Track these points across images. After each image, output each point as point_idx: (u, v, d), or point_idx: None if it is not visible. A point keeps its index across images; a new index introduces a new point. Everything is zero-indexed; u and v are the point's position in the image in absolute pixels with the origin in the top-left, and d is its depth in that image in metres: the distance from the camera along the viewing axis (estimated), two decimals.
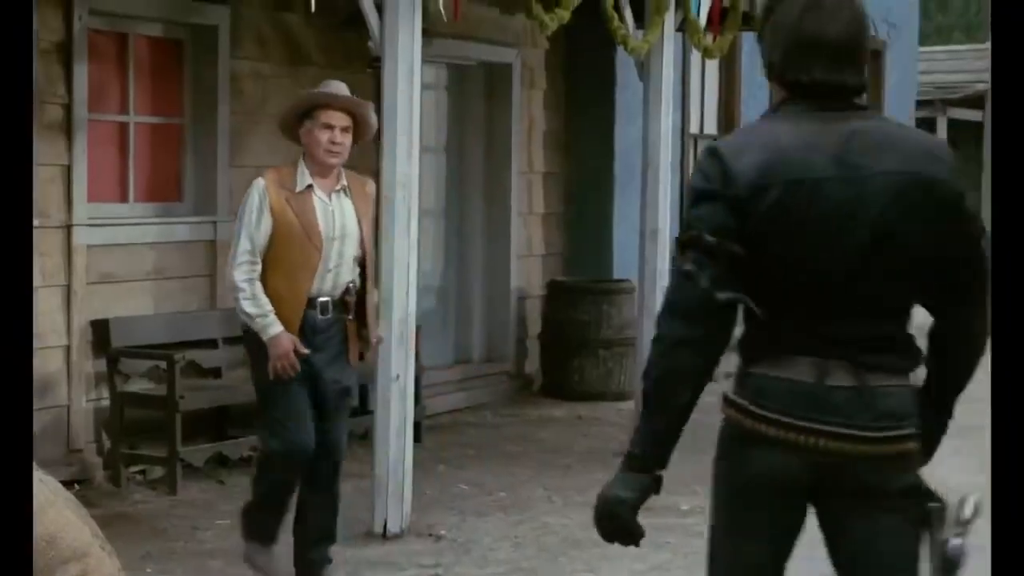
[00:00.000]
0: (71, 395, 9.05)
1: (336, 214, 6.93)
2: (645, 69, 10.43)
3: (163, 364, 9.08)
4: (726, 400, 3.94)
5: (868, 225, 3.77)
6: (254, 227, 6.82)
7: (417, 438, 9.31)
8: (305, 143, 6.93)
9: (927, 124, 24.12)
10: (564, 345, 12.44)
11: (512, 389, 12.68)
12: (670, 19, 10.31)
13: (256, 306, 6.78)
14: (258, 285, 6.79)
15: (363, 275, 7.05)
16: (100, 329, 9.16)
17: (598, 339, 12.40)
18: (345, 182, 6.99)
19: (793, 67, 3.87)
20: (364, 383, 10.36)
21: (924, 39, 23.92)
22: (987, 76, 24.24)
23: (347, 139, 6.92)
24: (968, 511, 3.97)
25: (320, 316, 6.88)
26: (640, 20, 10.23)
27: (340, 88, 7.05)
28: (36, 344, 8.67)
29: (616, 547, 4.31)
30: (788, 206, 3.75)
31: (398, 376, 7.95)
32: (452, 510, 8.67)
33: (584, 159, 13.10)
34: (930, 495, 3.99)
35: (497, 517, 8.58)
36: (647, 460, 3.91)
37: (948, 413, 4.27)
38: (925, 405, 4.12)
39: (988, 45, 24.85)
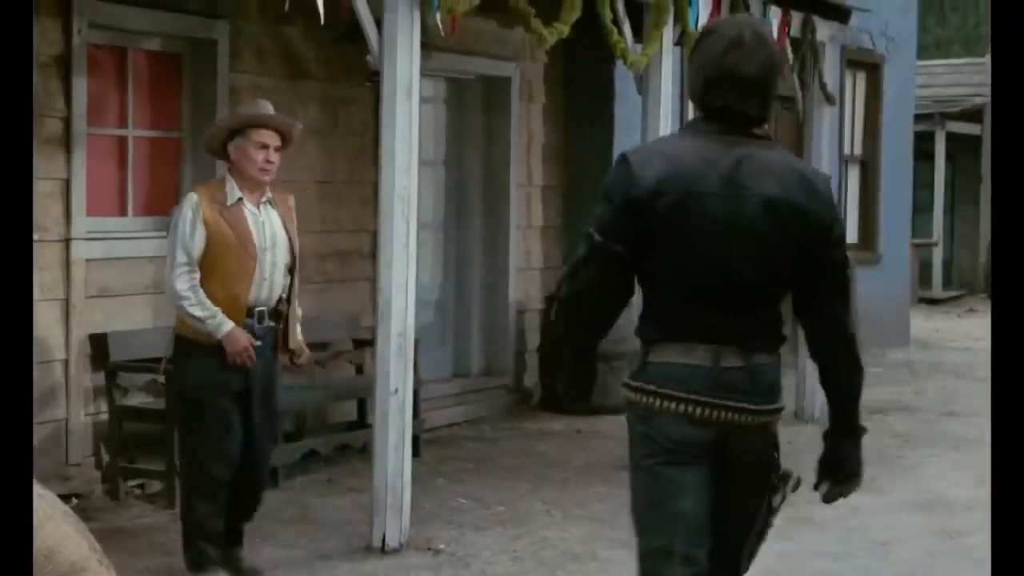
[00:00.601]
0: (69, 409, 9.05)
1: (266, 224, 7.29)
2: (644, 83, 10.43)
3: (161, 378, 9.07)
4: (630, 387, 4.64)
5: (745, 238, 4.48)
6: (188, 239, 7.12)
7: (416, 452, 9.31)
8: (236, 159, 7.26)
9: (925, 138, 24.15)
10: (563, 358, 12.40)
11: (511, 402, 12.67)
12: (669, 33, 10.31)
13: (204, 309, 7.11)
14: (201, 291, 7.12)
15: (291, 284, 7.42)
16: (98, 343, 9.15)
17: (596, 352, 12.36)
18: (269, 194, 7.35)
19: (710, 94, 4.56)
20: (363, 396, 10.39)
21: (923, 52, 23.90)
22: (985, 90, 24.28)
23: (278, 157, 7.31)
24: (791, 487, 4.74)
25: (257, 324, 7.25)
26: (639, 34, 10.23)
27: (269, 108, 7.44)
28: (35, 358, 8.67)
29: (614, 562, 4.49)
30: (679, 212, 4.47)
31: (396, 390, 7.95)
32: (451, 524, 8.66)
33: (583, 172, 13.10)
34: (778, 466, 4.72)
35: (496, 531, 8.57)
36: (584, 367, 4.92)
37: (853, 418, 4.78)
38: (835, 431, 4.80)
39: (987, 59, 24.91)
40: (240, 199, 7.21)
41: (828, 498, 4.87)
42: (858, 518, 9.11)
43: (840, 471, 4.81)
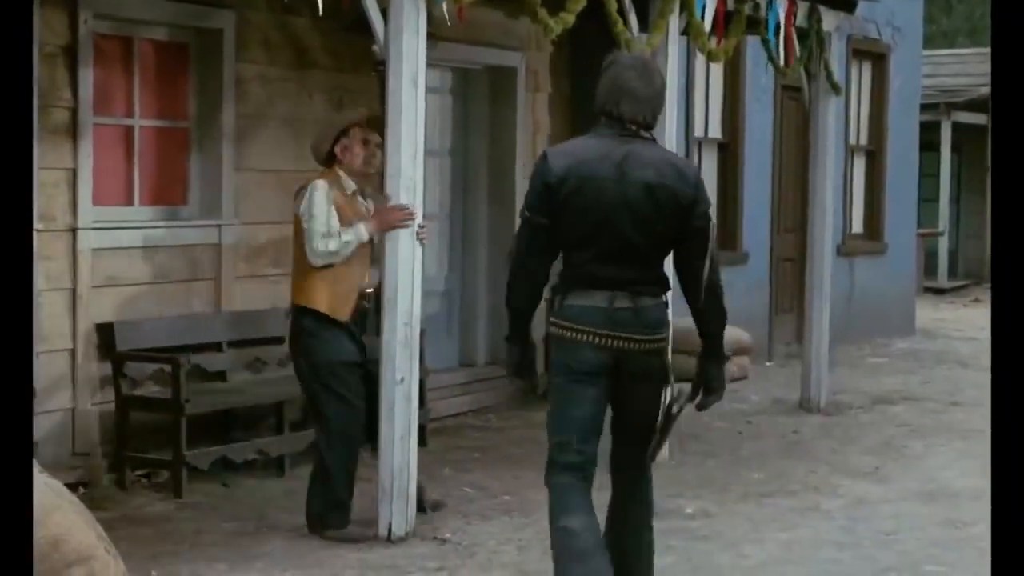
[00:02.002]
0: (76, 398, 9.07)
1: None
2: None
3: (168, 367, 9.09)
4: (553, 323, 6.20)
5: (630, 212, 6.05)
6: (326, 214, 7.91)
7: (422, 441, 9.30)
8: (343, 157, 8.12)
9: (931, 128, 24.12)
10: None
11: (516, 392, 12.66)
12: (674, 22, 10.29)
13: (345, 239, 7.90)
14: (335, 237, 7.91)
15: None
16: (105, 332, 9.17)
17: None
18: (367, 188, 8.29)
19: (610, 104, 6.20)
20: None
21: (929, 42, 23.88)
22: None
23: (380, 153, 8.13)
24: (682, 393, 6.21)
25: (366, 304, 8.11)
26: (644, 23, 10.22)
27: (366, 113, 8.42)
28: (41, 347, 8.69)
29: None
30: (580, 194, 6.06)
31: (403, 379, 7.96)
32: (457, 513, 8.67)
33: None
34: (669, 376, 6.19)
35: (502, 520, 8.58)
36: (518, 339, 6.45)
37: (716, 349, 6.31)
38: (706, 358, 6.29)
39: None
40: (355, 191, 8.10)
41: (701, 407, 6.34)
42: (864, 508, 9.12)
43: (710, 386, 6.28)
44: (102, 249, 9.21)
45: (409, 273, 7.98)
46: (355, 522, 8.08)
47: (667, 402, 6.19)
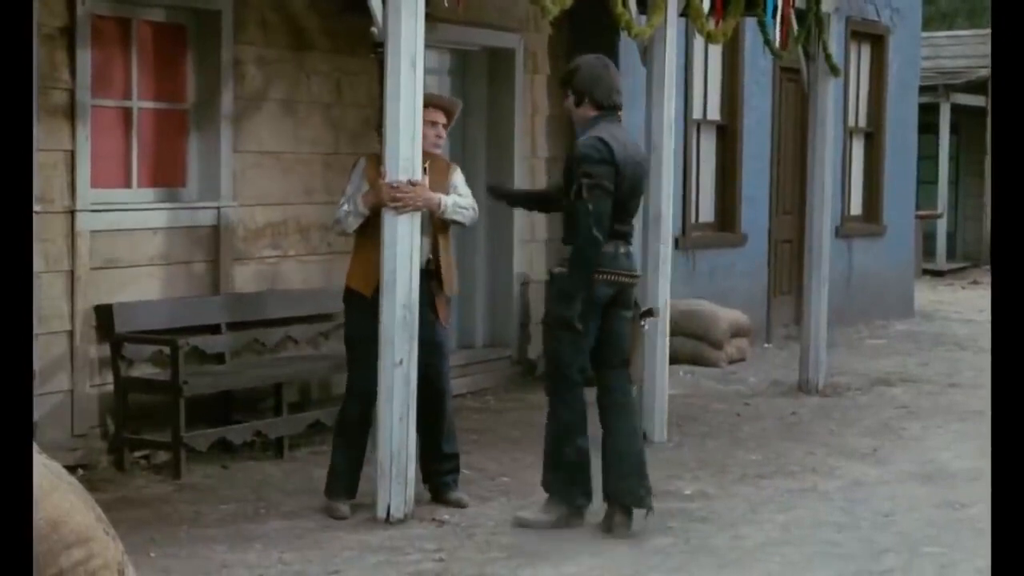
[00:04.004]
0: (75, 380, 9.07)
1: None
2: (648, 54, 10.41)
3: (167, 349, 9.09)
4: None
5: (639, 182, 8.06)
6: (352, 190, 8.27)
7: None
8: None
9: (930, 110, 24.09)
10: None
11: (515, 374, 12.69)
12: (673, 4, 10.29)
13: (344, 209, 8.26)
14: (342, 208, 8.29)
15: (436, 243, 8.36)
16: (104, 314, 9.17)
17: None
18: (426, 164, 8.24)
19: (607, 98, 7.92)
20: None
21: (927, 24, 23.84)
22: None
23: (444, 133, 8.52)
24: (651, 312, 8.43)
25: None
26: (643, 5, 10.22)
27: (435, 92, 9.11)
28: (40, 329, 8.69)
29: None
30: (624, 174, 7.82)
31: (401, 361, 7.96)
32: None
33: None
34: (638, 304, 8.18)
35: (500, 501, 8.59)
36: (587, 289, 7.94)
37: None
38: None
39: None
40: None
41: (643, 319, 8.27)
42: (862, 489, 9.13)
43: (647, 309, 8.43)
44: (100, 231, 9.21)
45: (407, 255, 7.97)
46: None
47: (639, 321, 8.07)
